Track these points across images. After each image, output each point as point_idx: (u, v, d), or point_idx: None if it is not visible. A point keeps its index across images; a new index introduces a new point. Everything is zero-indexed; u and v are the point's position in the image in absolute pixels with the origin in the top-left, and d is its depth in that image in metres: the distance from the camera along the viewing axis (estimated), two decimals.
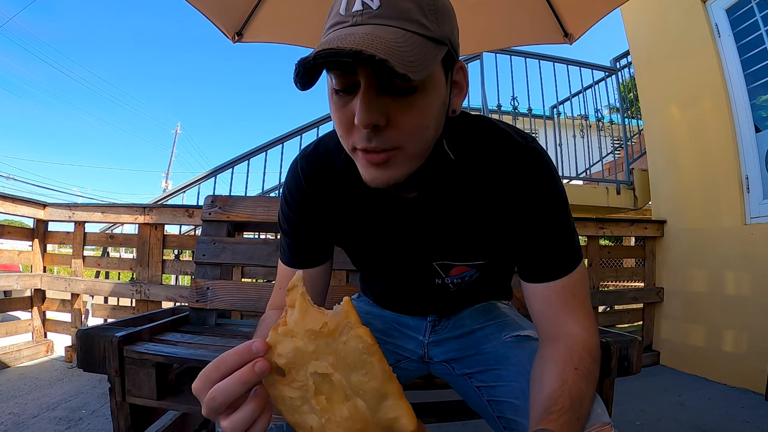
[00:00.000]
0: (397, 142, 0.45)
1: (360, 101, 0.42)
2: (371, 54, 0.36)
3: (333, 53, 0.36)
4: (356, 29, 0.40)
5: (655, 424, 1.64)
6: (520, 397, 0.55)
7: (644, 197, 3.18)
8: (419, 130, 0.45)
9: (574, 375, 0.46)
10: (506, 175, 0.54)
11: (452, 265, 0.62)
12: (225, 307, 1.24)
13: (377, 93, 0.42)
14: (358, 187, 0.56)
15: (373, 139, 0.44)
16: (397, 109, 0.43)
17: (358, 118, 0.42)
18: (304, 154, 0.63)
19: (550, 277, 0.54)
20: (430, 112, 0.46)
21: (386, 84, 0.42)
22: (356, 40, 0.38)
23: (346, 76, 0.42)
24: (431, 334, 0.76)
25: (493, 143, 0.55)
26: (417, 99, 0.43)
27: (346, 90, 0.44)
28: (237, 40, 1.65)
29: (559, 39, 1.67)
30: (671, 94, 2.67)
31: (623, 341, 0.92)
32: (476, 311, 0.77)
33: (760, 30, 2.13)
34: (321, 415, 0.35)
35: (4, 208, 2.15)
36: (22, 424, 1.47)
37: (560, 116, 3.62)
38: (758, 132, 2.13)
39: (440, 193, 0.56)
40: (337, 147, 0.58)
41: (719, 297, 2.22)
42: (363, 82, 0.42)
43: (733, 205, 2.20)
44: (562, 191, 0.55)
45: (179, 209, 2.33)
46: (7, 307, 2.35)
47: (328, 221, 0.63)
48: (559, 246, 0.54)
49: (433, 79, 0.44)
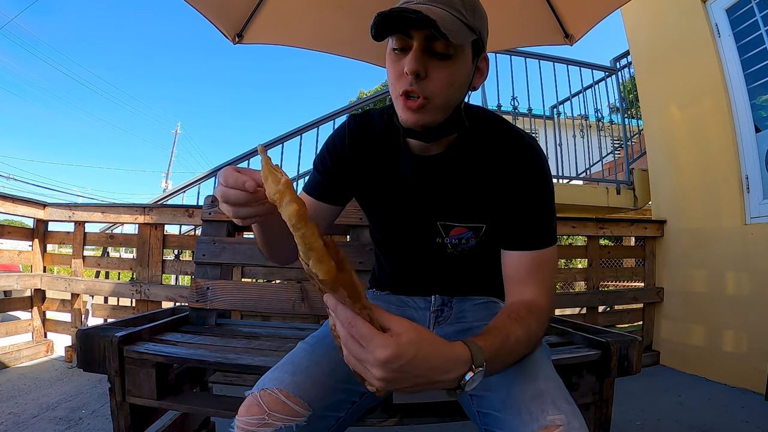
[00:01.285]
0: (429, 92, 0.59)
1: (411, 55, 0.58)
2: (426, 15, 0.53)
3: (403, 10, 0.54)
4: (419, 5, 0.56)
5: (655, 424, 1.64)
6: (501, 410, 0.57)
7: (644, 197, 3.18)
8: (447, 86, 0.60)
9: (507, 320, 0.57)
10: (508, 156, 0.68)
11: (452, 225, 0.73)
12: (225, 307, 1.24)
13: (423, 52, 0.58)
14: (389, 146, 0.74)
15: (413, 84, 0.59)
16: (435, 67, 0.59)
17: (407, 66, 0.58)
18: (353, 115, 0.79)
19: (526, 247, 0.66)
20: (456, 77, 0.61)
21: (431, 49, 0.58)
22: (418, 7, 0.55)
23: (404, 39, 0.59)
24: (435, 326, 0.80)
25: (501, 129, 0.70)
26: (449, 64, 0.59)
27: (401, 49, 0.60)
28: (237, 42, 1.65)
29: (560, 40, 1.68)
30: (671, 94, 2.67)
31: (623, 341, 0.92)
32: (478, 306, 0.81)
33: (760, 30, 2.13)
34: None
35: (4, 208, 2.15)
36: (22, 424, 1.48)
37: (560, 116, 3.62)
38: (758, 132, 2.13)
39: (455, 157, 0.70)
40: (378, 115, 0.76)
41: (719, 297, 2.22)
42: (416, 42, 0.58)
43: (733, 205, 2.20)
44: (550, 182, 0.68)
45: (179, 209, 2.33)
46: (7, 307, 2.35)
47: (357, 173, 0.76)
48: (539, 224, 0.66)
49: (464, 55, 0.61)
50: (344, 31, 1.79)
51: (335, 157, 0.76)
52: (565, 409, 0.53)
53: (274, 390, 0.57)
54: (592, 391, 0.91)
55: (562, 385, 0.60)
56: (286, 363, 0.64)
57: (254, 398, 0.57)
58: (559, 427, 0.50)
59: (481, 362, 0.47)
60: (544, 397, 0.55)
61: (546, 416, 0.52)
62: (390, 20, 0.56)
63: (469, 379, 0.46)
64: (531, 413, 0.53)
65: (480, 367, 0.46)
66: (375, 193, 0.77)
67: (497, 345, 0.51)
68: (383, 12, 0.55)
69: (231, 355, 0.90)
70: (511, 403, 0.55)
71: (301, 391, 0.58)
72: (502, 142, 0.68)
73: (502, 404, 0.57)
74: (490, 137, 0.69)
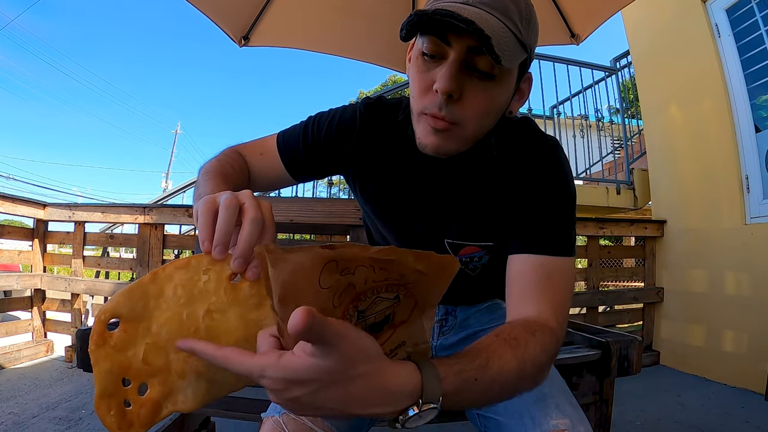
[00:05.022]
0: (460, 118, 0.49)
1: (446, 69, 0.47)
2: (480, 28, 0.42)
3: (452, 15, 0.43)
4: (467, 7, 0.45)
5: (655, 424, 1.64)
6: (503, 414, 0.55)
7: (644, 197, 3.18)
8: (481, 114, 0.50)
9: (495, 341, 0.43)
10: (530, 164, 0.58)
11: (463, 245, 0.63)
12: None
13: (461, 68, 0.47)
14: (402, 144, 0.62)
15: (443, 109, 0.48)
16: (472, 88, 0.48)
17: (439, 84, 0.47)
18: (367, 101, 0.67)
19: (535, 249, 0.53)
20: (495, 102, 0.51)
21: (471, 64, 0.47)
22: (470, 13, 0.44)
23: (439, 43, 0.47)
24: (439, 336, 0.77)
25: (524, 130, 0.61)
26: (490, 87, 0.49)
27: (433, 56, 0.48)
28: (243, 44, 1.65)
29: (566, 40, 1.68)
30: (671, 94, 2.67)
31: (623, 341, 0.92)
32: (481, 312, 0.77)
33: (760, 30, 2.13)
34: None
35: (4, 208, 2.15)
36: (22, 424, 1.47)
37: (560, 116, 3.62)
38: (758, 132, 2.13)
39: (474, 158, 0.60)
40: (393, 108, 0.64)
41: (719, 297, 2.22)
42: (454, 53, 0.46)
43: (733, 205, 2.20)
44: (573, 188, 0.58)
45: (179, 209, 2.33)
46: (7, 307, 2.35)
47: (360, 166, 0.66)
48: (555, 227, 0.55)
49: (508, 77, 0.50)
50: (347, 32, 1.79)
51: (334, 141, 0.65)
52: (569, 413, 0.52)
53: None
54: (592, 391, 0.91)
55: (566, 388, 0.58)
56: None
57: (277, 424, 0.51)
58: (564, 431, 0.49)
59: (436, 396, 0.34)
60: (547, 401, 0.53)
61: (550, 420, 0.50)
62: (431, 24, 0.45)
63: (412, 415, 0.34)
64: (533, 417, 0.51)
65: (432, 402, 0.34)
66: (379, 194, 0.68)
67: (469, 373, 0.37)
68: (422, 12, 0.44)
69: None
70: (513, 407, 0.54)
71: None
72: (524, 144, 0.60)
73: (504, 408, 0.55)
74: (512, 138, 0.61)
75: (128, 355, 0.34)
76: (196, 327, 0.35)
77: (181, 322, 0.35)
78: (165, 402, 0.36)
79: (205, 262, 0.36)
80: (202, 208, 0.37)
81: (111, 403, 0.34)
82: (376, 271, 0.32)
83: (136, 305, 0.34)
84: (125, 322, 0.34)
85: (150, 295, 0.35)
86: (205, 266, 0.36)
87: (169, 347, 0.35)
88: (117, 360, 0.34)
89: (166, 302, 0.35)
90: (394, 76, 14.98)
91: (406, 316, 0.37)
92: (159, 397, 0.36)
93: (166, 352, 0.35)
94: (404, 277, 0.34)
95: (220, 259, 0.36)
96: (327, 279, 0.31)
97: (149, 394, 0.35)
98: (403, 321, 0.37)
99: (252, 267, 0.36)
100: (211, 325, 0.36)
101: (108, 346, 0.34)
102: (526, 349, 0.42)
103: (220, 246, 0.35)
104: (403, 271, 0.34)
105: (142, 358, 0.35)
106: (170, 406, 0.36)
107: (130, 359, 0.34)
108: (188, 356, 0.35)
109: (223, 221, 0.36)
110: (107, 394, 0.34)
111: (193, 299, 0.35)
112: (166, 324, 0.35)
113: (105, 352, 0.34)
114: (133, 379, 0.35)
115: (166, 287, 0.35)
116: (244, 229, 0.36)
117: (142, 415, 0.35)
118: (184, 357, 0.35)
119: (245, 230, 0.36)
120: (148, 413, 0.35)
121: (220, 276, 0.36)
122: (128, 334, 0.34)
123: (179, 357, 0.35)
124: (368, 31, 1.81)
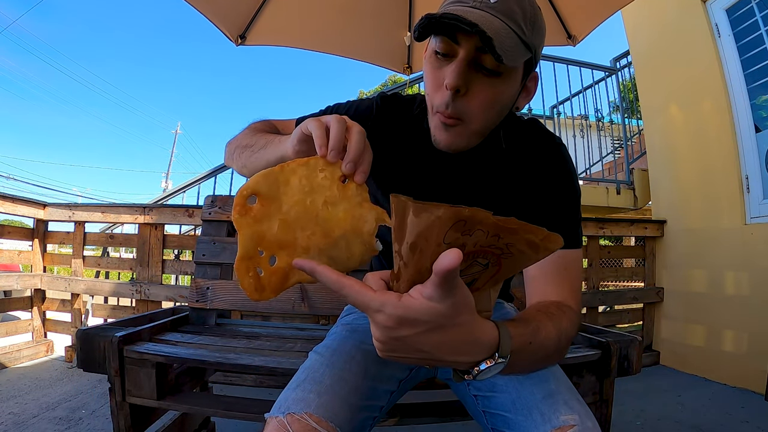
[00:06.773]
0: (466, 112, 0.54)
1: (455, 66, 0.52)
2: (483, 30, 0.47)
3: (457, 19, 0.48)
4: (474, 10, 0.51)
5: (655, 424, 1.64)
6: (511, 410, 0.56)
7: (644, 197, 3.18)
8: (487, 107, 0.55)
9: (537, 313, 0.50)
10: (539, 160, 0.63)
11: None
12: (225, 307, 1.24)
13: (469, 65, 0.52)
14: (416, 137, 0.66)
15: (450, 105, 0.54)
16: (479, 84, 0.53)
17: (448, 80, 0.52)
18: (383, 94, 0.72)
19: None
20: (501, 98, 0.55)
21: (478, 62, 0.52)
22: (475, 17, 0.49)
23: (450, 43, 0.52)
24: None
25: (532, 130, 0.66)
26: (496, 83, 0.54)
27: (445, 55, 0.53)
28: (240, 43, 1.65)
29: (563, 41, 1.68)
30: (671, 94, 2.67)
31: (623, 341, 0.92)
32: None
33: (760, 30, 2.13)
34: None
35: (4, 208, 2.15)
36: (22, 424, 1.47)
37: (560, 116, 3.62)
38: (758, 132, 2.13)
39: (484, 154, 0.65)
40: (408, 103, 0.69)
41: (719, 297, 2.22)
42: (463, 52, 0.51)
43: (733, 205, 2.20)
44: (577, 186, 0.64)
45: (179, 209, 2.33)
46: (7, 307, 2.34)
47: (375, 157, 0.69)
48: (566, 224, 0.61)
49: (514, 74, 0.55)
50: (346, 32, 1.79)
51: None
52: (577, 409, 0.52)
53: (303, 415, 0.51)
54: (592, 391, 0.91)
55: (571, 386, 0.59)
56: (307, 380, 0.58)
57: (281, 424, 0.51)
58: (573, 427, 0.49)
59: (506, 352, 0.39)
60: (555, 398, 0.54)
61: (559, 416, 0.51)
62: (440, 26, 0.50)
63: (484, 369, 0.38)
64: (543, 414, 0.52)
65: (503, 358, 0.39)
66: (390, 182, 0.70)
67: (527, 336, 0.43)
68: (432, 16, 0.49)
69: (231, 355, 0.90)
70: (522, 404, 0.55)
71: (330, 414, 0.52)
72: (533, 142, 0.65)
73: (512, 405, 0.56)
74: (521, 136, 0.65)
75: (263, 227, 0.40)
76: (316, 213, 0.41)
77: (306, 207, 0.41)
78: (291, 273, 0.41)
79: (321, 163, 0.42)
80: (314, 125, 0.43)
81: (250, 265, 0.39)
82: (488, 237, 0.34)
83: (272, 186, 0.40)
84: (262, 198, 0.40)
85: (280, 182, 0.40)
86: (321, 166, 0.42)
87: (296, 225, 0.40)
88: (255, 229, 0.39)
89: (292, 189, 0.41)
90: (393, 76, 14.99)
91: (483, 283, 0.39)
92: (287, 267, 0.40)
93: (293, 229, 0.40)
94: (508, 246, 0.35)
95: (334, 161, 0.42)
96: (451, 236, 0.33)
97: (278, 264, 0.40)
98: (478, 288, 0.39)
99: (359, 171, 0.42)
100: (326, 215, 0.41)
101: (249, 216, 0.39)
102: (561, 323, 0.49)
103: (335, 150, 0.41)
104: (513, 241, 0.35)
105: (276, 230, 0.40)
106: (296, 277, 0.41)
107: (264, 231, 0.40)
108: (312, 233, 0.41)
109: (336, 131, 0.42)
110: (248, 257, 0.39)
111: (314, 190, 0.41)
112: (295, 206, 0.40)
113: (246, 221, 0.39)
114: (266, 249, 0.40)
115: (291, 178, 0.41)
116: (353, 138, 0.42)
117: (273, 282, 0.40)
118: (309, 234, 0.41)
119: (354, 139, 0.42)
120: (279, 280, 0.40)
121: (333, 175, 0.42)
122: (265, 208, 0.40)
123: (305, 234, 0.41)
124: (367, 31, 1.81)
